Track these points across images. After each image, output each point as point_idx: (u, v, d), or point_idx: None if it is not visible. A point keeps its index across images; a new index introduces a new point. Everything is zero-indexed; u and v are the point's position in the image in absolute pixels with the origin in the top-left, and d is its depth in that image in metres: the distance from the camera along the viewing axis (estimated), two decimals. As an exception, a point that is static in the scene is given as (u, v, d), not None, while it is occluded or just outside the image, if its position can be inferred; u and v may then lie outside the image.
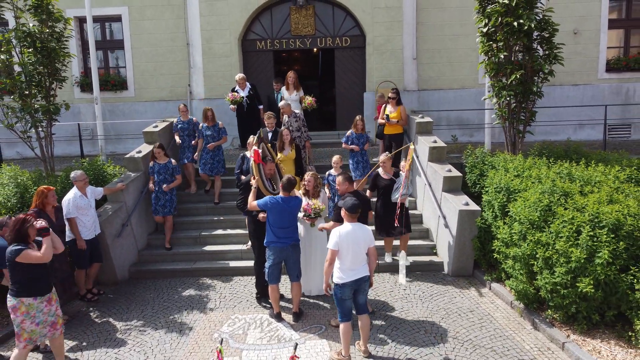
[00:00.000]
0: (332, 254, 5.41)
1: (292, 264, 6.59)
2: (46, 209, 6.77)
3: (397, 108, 9.66)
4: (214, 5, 12.88)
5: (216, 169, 9.51)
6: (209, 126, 9.53)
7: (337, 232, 5.42)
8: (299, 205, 6.59)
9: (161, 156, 8.57)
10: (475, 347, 5.91)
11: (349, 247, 5.39)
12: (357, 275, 5.47)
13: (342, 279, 5.45)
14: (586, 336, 5.86)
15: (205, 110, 9.64)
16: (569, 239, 5.88)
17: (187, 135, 9.66)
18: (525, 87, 8.58)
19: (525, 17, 8.13)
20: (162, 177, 8.52)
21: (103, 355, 6.01)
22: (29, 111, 8.71)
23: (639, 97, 12.97)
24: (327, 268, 5.49)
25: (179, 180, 8.70)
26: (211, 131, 9.50)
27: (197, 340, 6.25)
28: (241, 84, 10.79)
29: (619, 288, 5.64)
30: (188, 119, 9.78)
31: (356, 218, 5.54)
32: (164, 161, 8.59)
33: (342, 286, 5.47)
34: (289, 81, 10.65)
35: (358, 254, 5.45)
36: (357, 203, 5.55)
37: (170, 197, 8.61)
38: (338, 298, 5.54)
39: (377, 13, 12.76)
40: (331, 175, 8.07)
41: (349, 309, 5.58)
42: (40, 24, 8.76)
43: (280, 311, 6.71)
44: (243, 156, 8.19)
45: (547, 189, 6.62)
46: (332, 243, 5.40)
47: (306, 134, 9.72)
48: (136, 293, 7.71)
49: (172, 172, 8.63)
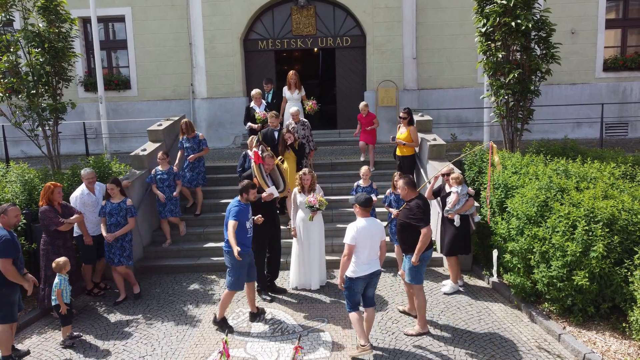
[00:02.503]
0: (349, 248, 5.46)
1: (253, 265, 6.70)
2: (54, 205, 6.91)
3: (408, 129, 9.08)
4: (217, 5, 13.04)
5: (195, 180, 9.21)
6: (189, 138, 9.20)
7: (354, 227, 5.48)
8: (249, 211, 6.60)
9: (115, 194, 7.25)
10: (474, 339, 6.06)
11: (366, 242, 5.47)
12: (371, 269, 5.56)
13: (356, 272, 5.51)
14: (582, 328, 6.02)
15: (181, 124, 9.21)
16: (565, 234, 6.04)
17: (168, 186, 8.55)
18: (523, 86, 8.73)
19: (523, 17, 8.29)
20: (114, 220, 7.19)
21: (111, 347, 6.17)
22: (36, 110, 8.86)
23: (635, 96, 13.14)
24: (345, 262, 5.51)
25: (132, 224, 7.27)
26: (191, 143, 9.18)
27: (202, 333, 6.40)
28: (257, 99, 10.04)
29: (613, 281, 5.81)
30: (168, 168, 8.62)
31: (369, 212, 5.63)
32: (118, 200, 7.25)
33: (355, 280, 5.53)
34: (290, 81, 10.64)
35: (373, 247, 5.55)
36: (370, 197, 5.67)
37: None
38: (350, 291, 5.61)
39: (378, 13, 12.91)
40: (360, 187, 7.85)
41: (358, 301, 5.67)
42: (48, 25, 8.92)
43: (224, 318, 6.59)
44: (245, 154, 8.34)
45: (544, 185, 6.78)
46: (350, 238, 5.45)
47: (312, 143, 9.54)
48: (142, 288, 7.84)
49: (126, 213, 7.24)
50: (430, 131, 9.91)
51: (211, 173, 10.39)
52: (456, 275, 7.31)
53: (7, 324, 5.71)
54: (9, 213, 5.70)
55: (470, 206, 7.15)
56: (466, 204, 7.10)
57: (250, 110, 10.02)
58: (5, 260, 5.53)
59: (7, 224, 5.70)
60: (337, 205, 9.23)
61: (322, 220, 7.52)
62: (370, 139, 10.23)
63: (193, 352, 5.96)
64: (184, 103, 13.50)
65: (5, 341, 5.73)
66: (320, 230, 7.44)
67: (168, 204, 8.59)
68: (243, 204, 6.37)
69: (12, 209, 5.74)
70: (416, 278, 6.10)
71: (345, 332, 6.27)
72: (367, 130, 10.23)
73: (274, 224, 7.32)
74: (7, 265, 5.53)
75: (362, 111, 10.24)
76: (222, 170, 10.58)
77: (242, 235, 6.28)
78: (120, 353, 6.02)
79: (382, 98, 13.04)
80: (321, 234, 7.45)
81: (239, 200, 6.38)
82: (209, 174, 10.29)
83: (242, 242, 6.24)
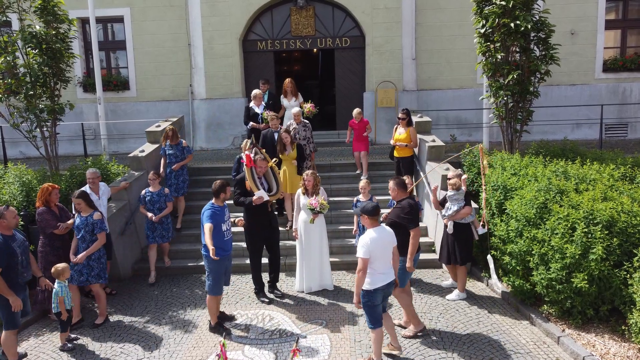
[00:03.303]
0: (364, 263, 5.20)
1: (229, 271, 6.66)
2: (51, 206, 6.88)
3: (407, 130, 9.08)
4: (215, 6, 13.02)
5: (182, 189, 9.03)
6: (172, 145, 8.99)
7: (366, 240, 5.22)
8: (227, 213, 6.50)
9: (83, 208, 6.60)
10: (473, 341, 6.04)
11: (379, 252, 5.28)
12: (387, 280, 5.37)
13: (374, 284, 5.30)
14: (581, 330, 5.99)
15: (167, 130, 9.01)
16: (564, 236, 6.02)
17: (159, 209, 8.08)
18: (522, 87, 8.71)
19: (522, 18, 8.27)
20: (80, 234, 6.63)
21: (108, 349, 6.14)
22: (34, 111, 8.84)
23: (635, 97, 13.12)
24: (361, 278, 5.25)
25: (102, 240, 6.64)
26: (174, 150, 8.97)
27: (200, 336, 6.38)
28: (258, 100, 9.98)
29: (612, 283, 5.78)
30: (159, 190, 8.16)
31: (378, 221, 5.43)
32: (85, 213, 6.62)
33: (373, 292, 5.31)
34: (287, 89, 10.44)
35: (386, 257, 5.38)
36: (377, 205, 5.46)
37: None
38: (369, 305, 5.36)
39: (377, 14, 12.90)
40: (360, 202, 7.45)
41: (380, 315, 5.44)
42: (45, 26, 8.90)
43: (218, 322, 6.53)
44: (239, 158, 8.31)
45: (543, 187, 6.76)
46: (363, 251, 5.20)
47: (312, 144, 9.47)
48: (140, 290, 7.83)
49: (92, 228, 6.60)
50: (429, 132, 9.90)
51: (210, 174, 10.40)
52: (464, 284, 7.21)
53: (10, 331, 5.61)
54: (7, 216, 5.54)
55: (467, 214, 6.92)
56: (461, 211, 6.91)
57: (249, 110, 9.98)
58: None
59: (8, 227, 5.55)
60: (336, 207, 9.21)
61: (324, 222, 7.47)
62: (364, 146, 9.89)
63: (190, 355, 5.94)
64: (182, 104, 13.48)
65: (10, 347, 5.63)
66: (322, 232, 7.40)
67: (158, 227, 8.07)
68: (217, 206, 6.29)
69: (9, 212, 5.57)
70: (404, 281, 6.10)
71: (343, 335, 6.24)
72: (361, 137, 9.86)
73: (269, 225, 7.27)
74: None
75: (356, 118, 9.89)
76: (221, 170, 10.56)
77: (218, 238, 6.20)
78: (117, 356, 6.00)
79: (382, 99, 13.02)
80: (323, 236, 7.42)
81: (213, 203, 6.31)
82: (208, 175, 10.31)
83: (220, 245, 6.15)
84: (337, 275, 7.93)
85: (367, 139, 9.96)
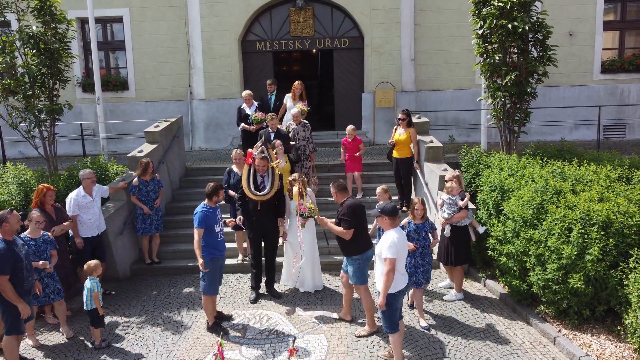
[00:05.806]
0: (392, 262, 5.07)
1: (222, 272, 6.66)
2: (46, 207, 6.88)
3: (407, 130, 8.95)
4: (214, 6, 13.04)
5: (161, 225, 8.56)
6: (148, 180, 8.28)
7: (392, 239, 5.12)
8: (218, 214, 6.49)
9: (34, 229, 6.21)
10: (469, 341, 6.06)
11: (402, 253, 5.24)
12: (407, 280, 5.43)
13: (397, 286, 5.23)
14: (577, 331, 6.02)
15: (146, 163, 8.23)
16: (560, 236, 6.04)
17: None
18: (520, 88, 8.73)
19: (520, 19, 8.29)
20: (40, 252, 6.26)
21: (106, 349, 6.15)
22: (33, 111, 8.86)
23: (633, 98, 13.15)
24: (389, 279, 5.09)
25: (55, 258, 6.36)
26: (152, 186, 8.35)
27: (197, 335, 6.39)
28: (248, 100, 9.87)
29: (608, 284, 5.80)
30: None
31: (397, 222, 5.37)
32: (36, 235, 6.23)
33: (397, 295, 5.26)
34: (296, 92, 10.07)
35: (405, 258, 5.43)
36: (396, 205, 5.46)
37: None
38: (392, 309, 5.29)
39: (375, 15, 12.92)
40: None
41: (397, 320, 5.41)
42: (43, 26, 8.91)
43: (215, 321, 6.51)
44: (229, 170, 8.28)
45: (540, 188, 6.77)
46: (393, 251, 5.07)
47: (312, 145, 9.36)
48: (138, 290, 7.85)
49: (47, 246, 6.30)
50: (428, 133, 9.91)
51: (208, 174, 10.46)
52: (460, 284, 7.23)
53: (12, 336, 5.52)
54: (11, 220, 5.39)
55: (462, 218, 6.94)
56: (456, 215, 6.92)
57: (241, 111, 9.87)
58: (0, 278, 5.22)
59: (10, 232, 5.41)
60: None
61: (313, 225, 7.42)
62: (359, 167, 9.43)
63: (188, 355, 5.95)
64: (181, 104, 13.50)
65: (12, 352, 5.56)
66: (312, 235, 7.38)
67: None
68: (209, 208, 6.30)
69: (12, 216, 5.41)
70: (361, 279, 6.17)
71: (341, 335, 6.26)
72: (354, 157, 9.35)
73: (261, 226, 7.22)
74: (2, 282, 5.22)
75: (349, 135, 9.31)
76: (219, 171, 10.55)
77: (212, 239, 6.25)
78: (115, 355, 6.01)
79: (380, 99, 13.04)
80: (313, 238, 7.41)
81: (205, 204, 6.31)
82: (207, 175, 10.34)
83: (214, 246, 6.25)
84: (337, 275, 7.94)
85: (360, 159, 9.48)
